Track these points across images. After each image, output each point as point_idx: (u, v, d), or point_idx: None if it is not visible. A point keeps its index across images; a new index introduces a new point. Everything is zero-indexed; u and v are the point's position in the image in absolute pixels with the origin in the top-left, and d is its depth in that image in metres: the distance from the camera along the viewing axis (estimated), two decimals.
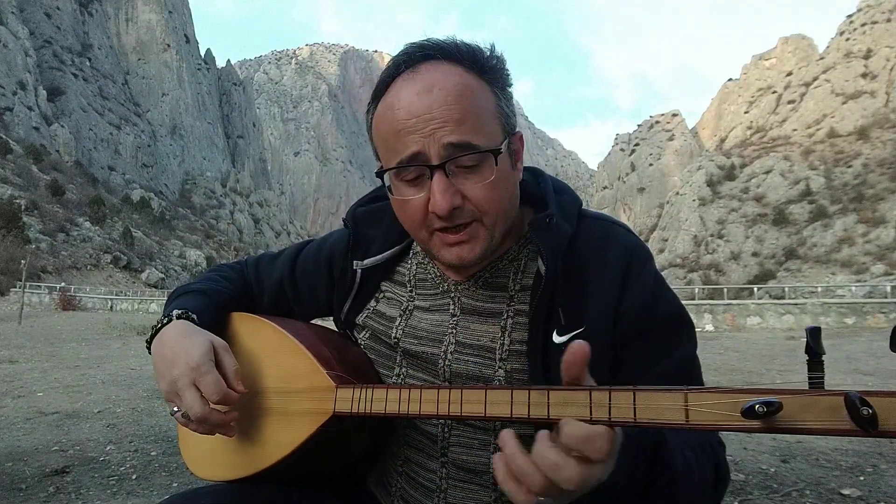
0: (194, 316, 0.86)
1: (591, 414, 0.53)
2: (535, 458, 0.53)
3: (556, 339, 0.76)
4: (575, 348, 0.54)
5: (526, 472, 0.53)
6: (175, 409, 0.77)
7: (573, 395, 0.55)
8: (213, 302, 0.93)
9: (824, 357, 0.47)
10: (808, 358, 0.47)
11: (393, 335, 0.87)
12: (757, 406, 0.45)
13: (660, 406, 0.51)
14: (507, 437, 0.55)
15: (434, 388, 0.63)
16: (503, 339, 0.80)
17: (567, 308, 0.76)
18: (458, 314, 0.84)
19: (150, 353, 0.85)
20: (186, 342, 0.78)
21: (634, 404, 0.52)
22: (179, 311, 0.86)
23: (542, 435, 0.54)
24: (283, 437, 0.78)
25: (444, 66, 0.73)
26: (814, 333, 0.47)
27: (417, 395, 0.65)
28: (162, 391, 0.80)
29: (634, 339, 0.76)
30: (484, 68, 0.75)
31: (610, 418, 0.52)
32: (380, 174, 0.78)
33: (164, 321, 0.85)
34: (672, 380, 0.73)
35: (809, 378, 0.47)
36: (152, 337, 0.85)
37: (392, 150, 0.74)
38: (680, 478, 0.65)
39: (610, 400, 0.53)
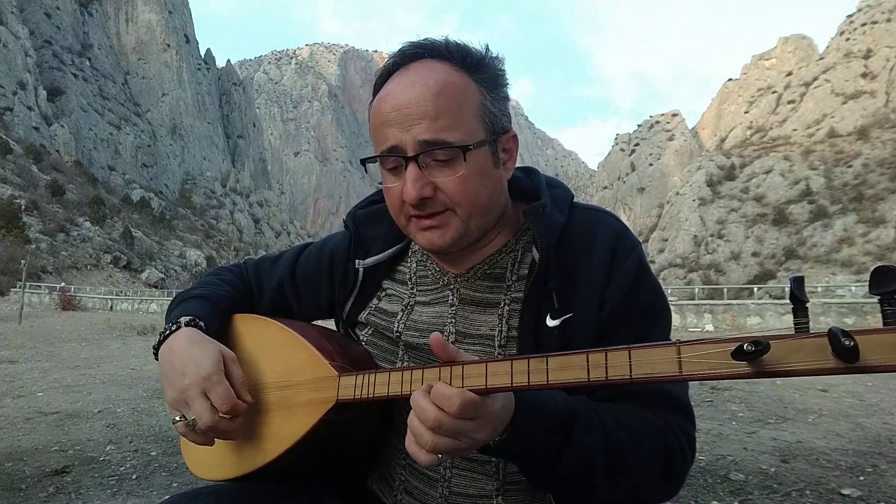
0: (202, 323, 0.87)
1: (588, 375, 0.56)
2: (412, 403, 0.62)
3: (550, 322, 0.79)
4: (431, 338, 0.62)
5: (415, 428, 0.61)
6: (178, 417, 0.77)
7: (570, 359, 0.57)
8: (217, 307, 0.94)
9: (808, 304, 0.48)
10: (792, 305, 0.48)
11: (395, 329, 0.89)
12: (746, 345, 0.46)
13: (654, 360, 0.53)
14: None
15: (436, 367, 0.65)
16: (501, 326, 0.82)
17: (560, 292, 0.79)
18: (457, 304, 0.86)
19: (157, 359, 0.86)
20: (196, 351, 0.79)
21: (630, 362, 0.54)
22: (187, 318, 0.86)
23: (422, 387, 0.63)
24: (287, 429, 0.78)
25: (433, 65, 0.77)
26: (797, 282, 0.49)
27: (420, 374, 0.66)
28: (168, 398, 0.80)
29: (615, 325, 0.79)
30: (473, 67, 0.79)
31: (607, 378, 0.55)
32: (363, 161, 0.83)
33: (172, 328, 0.85)
34: None
35: (795, 323, 0.48)
36: (160, 343, 0.86)
37: (377, 140, 0.79)
38: (598, 453, 0.69)
39: (606, 360, 0.55)
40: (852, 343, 0.43)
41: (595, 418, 0.70)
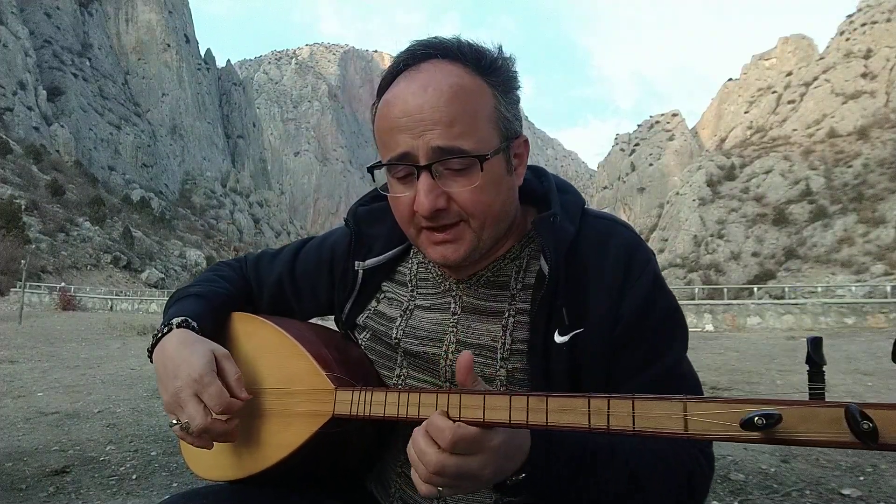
0: (194, 323, 0.85)
1: (589, 422, 0.53)
2: (412, 442, 0.61)
3: (558, 338, 0.75)
4: (462, 357, 0.60)
5: (414, 461, 0.60)
6: (174, 420, 0.76)
7: (571, 401, 0.55)
8: (212, 305, 0.91)
9: (825, 367, 0.47)
10: (808, 368, 0.47)
11: (393, 335, 0.86)
12: (756, 418, 0.45)
13: (658, 415, 0.51)
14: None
15: (433, 393, 0.63)
16: (505, 339, 0.79)
17: (569, 308, 0.76)
18: (459, 312, 0.84)
19: (151, 361, 0.85)
20: (187, 353, 0.78)
21: (633, 413, 0.52)
22: (179, 319, 0.84)
23: (422, 426, 0.61)
24: (284, 438, 0.78)
25: (445, 66, 0.73)
26: (815, 343, 0.47)
27: (416, 398, 0.65)
28: (164, 402, 0.79)
29: (630, 340, 0.76)
30: (487, 69, 0.75)
31: (609, 427, 0.52)
32: (370, 169, 0.78)
33: (164, 330, 0.84)
34: (665, 381, 0.74)
35: (810, 388, 0.46)
36: (153, 346, 0.85)
37: (385, 146, 0.74)
38: (617, 487, 0.67)
39: (609, 408, 0.53)
40: (871, 426, 0.41)
41: (618, 453, 0.69)
